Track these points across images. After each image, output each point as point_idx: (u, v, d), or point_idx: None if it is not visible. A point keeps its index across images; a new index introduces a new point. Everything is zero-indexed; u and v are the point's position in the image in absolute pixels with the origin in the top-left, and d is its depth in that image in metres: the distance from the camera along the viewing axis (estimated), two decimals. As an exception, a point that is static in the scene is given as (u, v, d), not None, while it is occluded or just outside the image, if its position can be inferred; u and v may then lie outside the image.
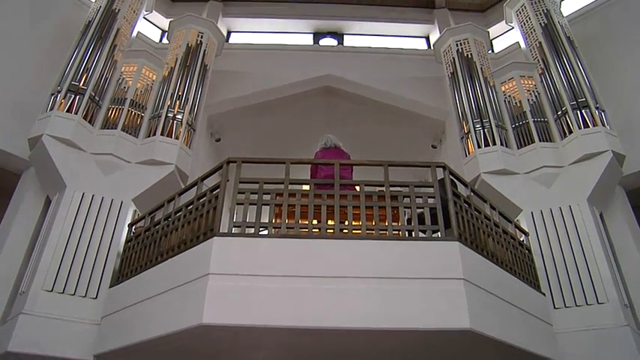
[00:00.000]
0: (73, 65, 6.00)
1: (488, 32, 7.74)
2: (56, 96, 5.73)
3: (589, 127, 5.89)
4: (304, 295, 3.60)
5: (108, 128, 5.95)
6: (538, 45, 6.93)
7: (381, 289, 3.65)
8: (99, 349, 4.51)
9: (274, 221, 4.15)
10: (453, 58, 7.28)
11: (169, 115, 6.17)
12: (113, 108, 6.15)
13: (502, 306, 4.08)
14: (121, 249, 5.28)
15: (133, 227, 5.41)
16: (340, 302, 3.59)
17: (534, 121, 6.38)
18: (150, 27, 8.92)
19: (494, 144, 6.15)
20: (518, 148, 6.27)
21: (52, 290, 4.75)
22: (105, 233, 5.28)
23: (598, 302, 4.97)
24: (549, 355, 4.43)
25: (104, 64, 6.21)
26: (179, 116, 6.24)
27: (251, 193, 4.23)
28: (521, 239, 5.36)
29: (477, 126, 6.36)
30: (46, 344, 4.47)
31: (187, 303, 3.72)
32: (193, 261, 3.96)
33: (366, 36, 9.58)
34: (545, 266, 5.39)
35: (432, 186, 4.32)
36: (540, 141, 6.17)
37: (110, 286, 4.93)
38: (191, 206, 4.58)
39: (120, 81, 6.42)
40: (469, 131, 6.44)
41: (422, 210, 4.29)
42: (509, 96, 6.82)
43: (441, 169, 4.54)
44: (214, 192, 4.39)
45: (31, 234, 5.48)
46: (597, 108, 6.05)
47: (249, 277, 3.67)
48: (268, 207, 4.17)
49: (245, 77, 7.96)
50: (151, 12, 7.94)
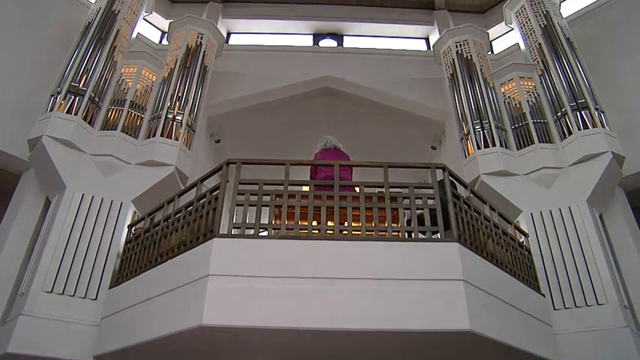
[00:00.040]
0: (73, 66, 6.01)
1: (487, 33, 7.75)
2: (56, 97, 5.74)
3: (588, 129, 5.89)
4: (304, 296, 3.60)
5: (108, 129, 5.96)
6: (538, 46, 6.94)
7: (381, 290, 3.64)
8: (98, 350, 4.51)
9: (274, 222, 4.14)
10: (453, 60, 7.28)
11: (169, 117, 6.17)
12: (113, 109, 6.16)
13: (502, 307, 4.08)
14: (121, 250, 5.28)
15: (133, 228, 5.41)
16: (340, 303, 3.59)
17: (534, 123, 6.38)
18: (150, 28, 8.93)
19: (493, 145, 6.16)
20: (517, 150, 6.27)
21: (52, 291, 4.75)
22: (104, 234, 5.28)
23: (598, 303, 4.98)
24: (549, 356, 4.42)
25: (104, 66, 6.22)
26: (179, 117, 6.24)
27: (251, 195, 4.23)
28: (520, 240, 5.35)
29: (477, 127, 6.37)
30: (46, 345, 4.47)
31: (187, 304, 3.71)
32: (193, 262, 3.96)
33: (366, 37, 9.59)
34: (544, 267, 5.39)
35: (432, 187, 4.32)
36: (540, 142, 6.17)
37: (110, 287, 4.93)
38: (191, 207, 4.58)
39: (120, 82, 6.42)
40: (469, 132, 6.44)
41: (422, 211, 4.29)
42: (508, 97, 6.83)
43: (441, 171, 4.53)
44: (214, 193, 4.39)
45: (31, 235, 5.48)
46: (597, 109, 6.06)
47: (248, 279, 3.67)
48: (268, 208, 4.17)
49: (245, 78, 7.96)
50: (151, 13, 7.95)
